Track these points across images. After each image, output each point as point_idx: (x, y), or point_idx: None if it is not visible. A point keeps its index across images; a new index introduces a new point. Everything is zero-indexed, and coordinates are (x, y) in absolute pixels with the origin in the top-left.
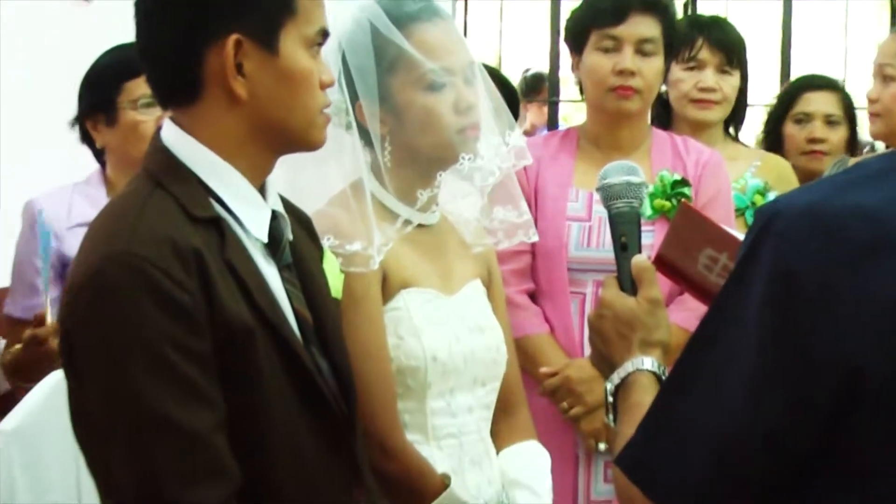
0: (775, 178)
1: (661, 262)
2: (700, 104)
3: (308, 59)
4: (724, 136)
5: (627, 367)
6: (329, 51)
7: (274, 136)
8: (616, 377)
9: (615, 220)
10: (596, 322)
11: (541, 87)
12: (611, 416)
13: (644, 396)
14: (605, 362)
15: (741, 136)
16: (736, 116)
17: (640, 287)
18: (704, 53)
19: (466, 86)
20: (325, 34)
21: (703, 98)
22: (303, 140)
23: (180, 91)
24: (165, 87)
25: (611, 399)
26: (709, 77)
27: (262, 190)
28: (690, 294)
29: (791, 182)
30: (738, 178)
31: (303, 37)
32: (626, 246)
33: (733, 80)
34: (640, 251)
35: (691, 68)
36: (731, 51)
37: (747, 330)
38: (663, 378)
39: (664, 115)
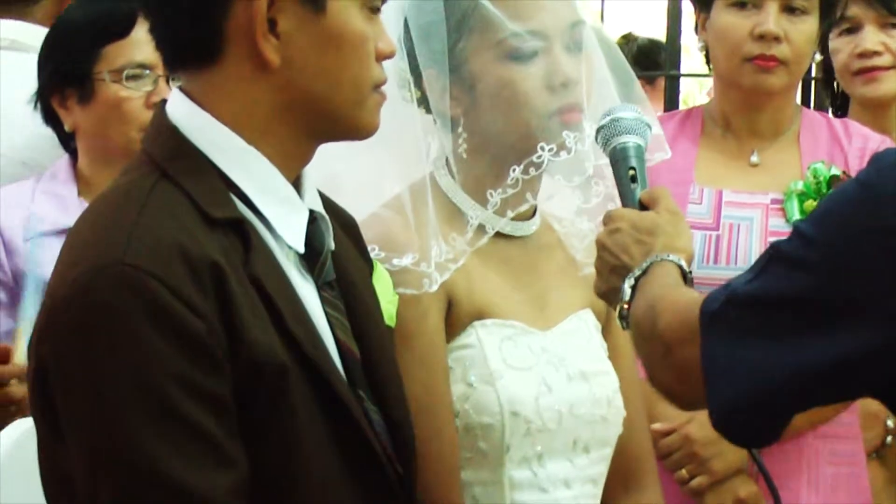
0: None
1: None
2: (862, 76)
3: (362, 21)
4: None
5: (651, 259)
6: (388, 6)
7: (312, 116)
8: (638, 270)
9: (624, 155)
10: (608, 238)
11: (655, 59)
12: (624, 322)
13: (671, 281)
14: (616, 276)
15: None
16: None
17: (656, 206)
18: (856, 8)
19: (567, 54)
20: None
21: (864, 66)
22: (349, 123)
23: (194, 48)
24: (175, 41)
25: (628, 295)
26: (868, 36)
27: (296, 184)
28: None
29: None
30: None
31: None
32: (636, 178)
33: None
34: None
35: (846, 31)
36: None
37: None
38: (690, 277)
39: (839, 98)
